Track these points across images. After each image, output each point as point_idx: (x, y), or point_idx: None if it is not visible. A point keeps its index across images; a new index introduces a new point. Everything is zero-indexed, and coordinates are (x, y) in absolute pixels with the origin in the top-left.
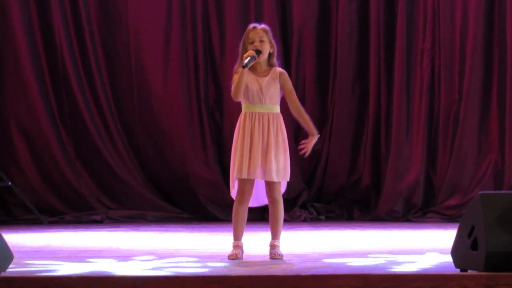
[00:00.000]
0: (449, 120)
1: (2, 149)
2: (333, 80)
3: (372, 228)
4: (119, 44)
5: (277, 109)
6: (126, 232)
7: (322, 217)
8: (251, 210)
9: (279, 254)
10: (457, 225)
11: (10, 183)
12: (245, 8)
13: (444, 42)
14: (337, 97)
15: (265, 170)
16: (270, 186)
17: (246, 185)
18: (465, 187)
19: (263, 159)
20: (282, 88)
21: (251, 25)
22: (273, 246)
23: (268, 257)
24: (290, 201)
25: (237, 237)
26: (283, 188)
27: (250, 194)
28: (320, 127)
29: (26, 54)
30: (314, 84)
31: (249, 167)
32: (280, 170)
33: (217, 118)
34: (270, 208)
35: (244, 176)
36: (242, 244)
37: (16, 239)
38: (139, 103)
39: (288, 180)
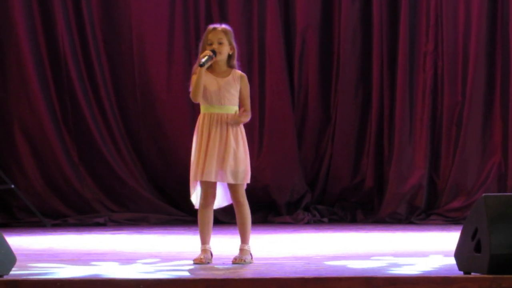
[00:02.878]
0: (452, 122)
1: (5, 152)
2: (336, 82)
3: (375, 230)
4: (122, 47)
5: (236, 110)
6: (130, 235)
7: (325, 219)
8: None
9: (241, 259)
10: (461, 227)
11: (13, 186)
12: (248, 11)
13: (447, 44)
14: (340, 100)
15: (225, 172)
16: (233, 189)
17: (208, 188)
18: (468, 189)
19: (222, 161)
20: (240, 91)
21: (211, 26)
22: (240, 251)
23: (276, 259)
24: (293, 203)
25: (204, 241)
26: None
27: (213, 197)
28: (323, 129)
29: (29, 58)
30: (317, 86)
31: (203, 169)
32: (240, 172)
33: None
34: (235, 211)
35: (199, 178)
36: (210, 248)
37: (19, 242)
38: (142, 106)
39: (249, 182)
